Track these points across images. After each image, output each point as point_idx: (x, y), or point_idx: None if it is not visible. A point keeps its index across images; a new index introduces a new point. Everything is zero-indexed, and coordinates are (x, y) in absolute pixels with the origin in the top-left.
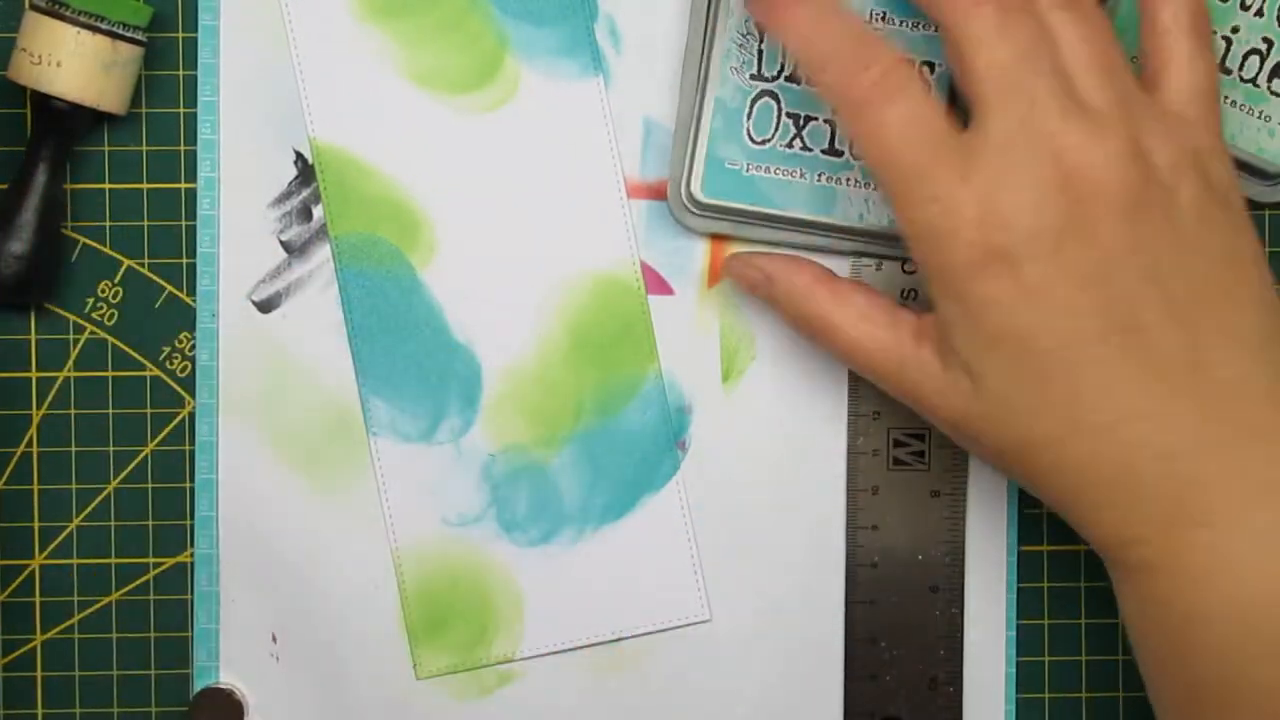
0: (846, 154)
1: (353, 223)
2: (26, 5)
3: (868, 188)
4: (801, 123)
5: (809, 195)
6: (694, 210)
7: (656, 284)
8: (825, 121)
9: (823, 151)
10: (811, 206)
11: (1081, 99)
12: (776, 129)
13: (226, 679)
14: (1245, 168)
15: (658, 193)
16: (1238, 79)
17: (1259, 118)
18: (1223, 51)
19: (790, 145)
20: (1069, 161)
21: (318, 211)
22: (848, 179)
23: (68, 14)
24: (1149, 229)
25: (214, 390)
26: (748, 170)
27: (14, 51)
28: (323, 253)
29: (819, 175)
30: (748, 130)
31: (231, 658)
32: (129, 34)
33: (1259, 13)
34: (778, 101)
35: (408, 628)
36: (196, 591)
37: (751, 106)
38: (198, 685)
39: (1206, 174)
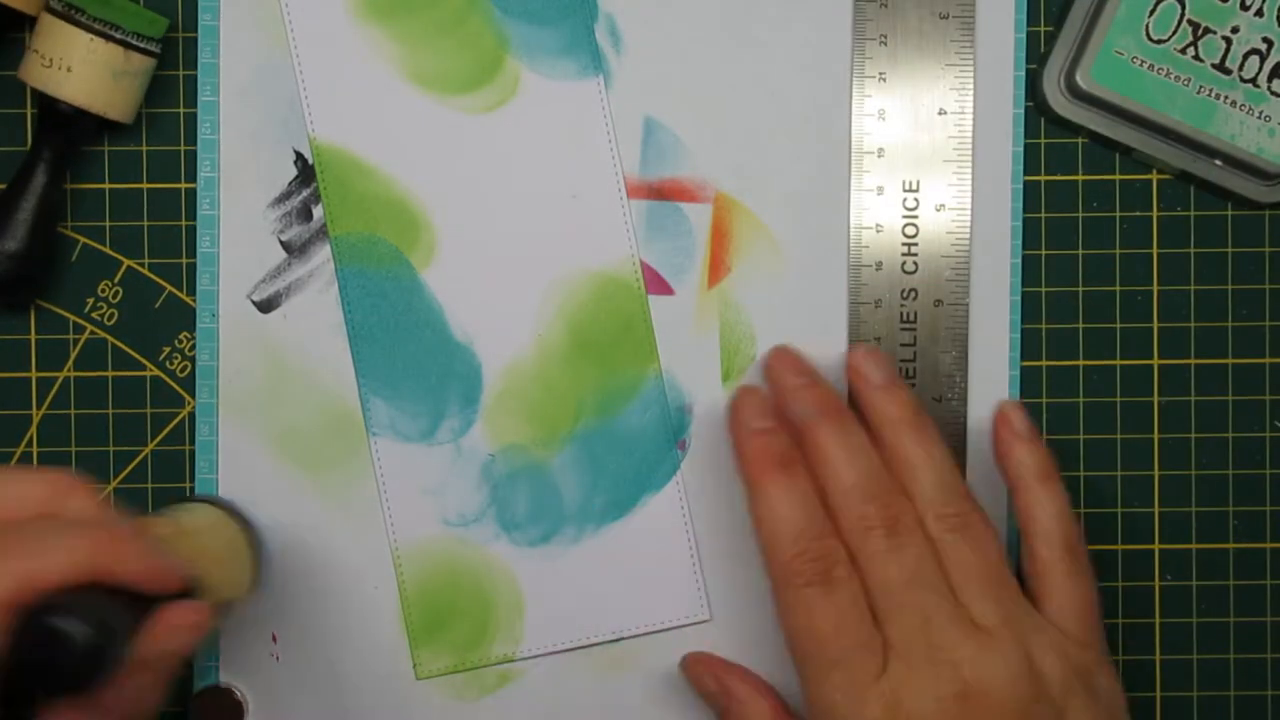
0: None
1: (352, 223)
2: (42, 7)
3: (1245, 111)
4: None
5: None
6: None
7: (656, 283)
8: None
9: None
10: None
11: (973, 615)
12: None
13: (226, 679)
14: (1245, 167)
15: (658, 192)
16: (1238, 79)
17: (1259, 118)
18: (1223, 51)
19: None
20: (967, 673)
21: (318, 211)
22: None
23: (83, 20)
24: None
25: (214, 390)
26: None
27: (26, 52)
28: (323, 253)
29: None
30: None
31: (231, 658)
32: (142, 45)
33: (1259, 13)
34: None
35: (407, 628)
36: None
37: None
38: (198, 685)
39: (1093, 688)
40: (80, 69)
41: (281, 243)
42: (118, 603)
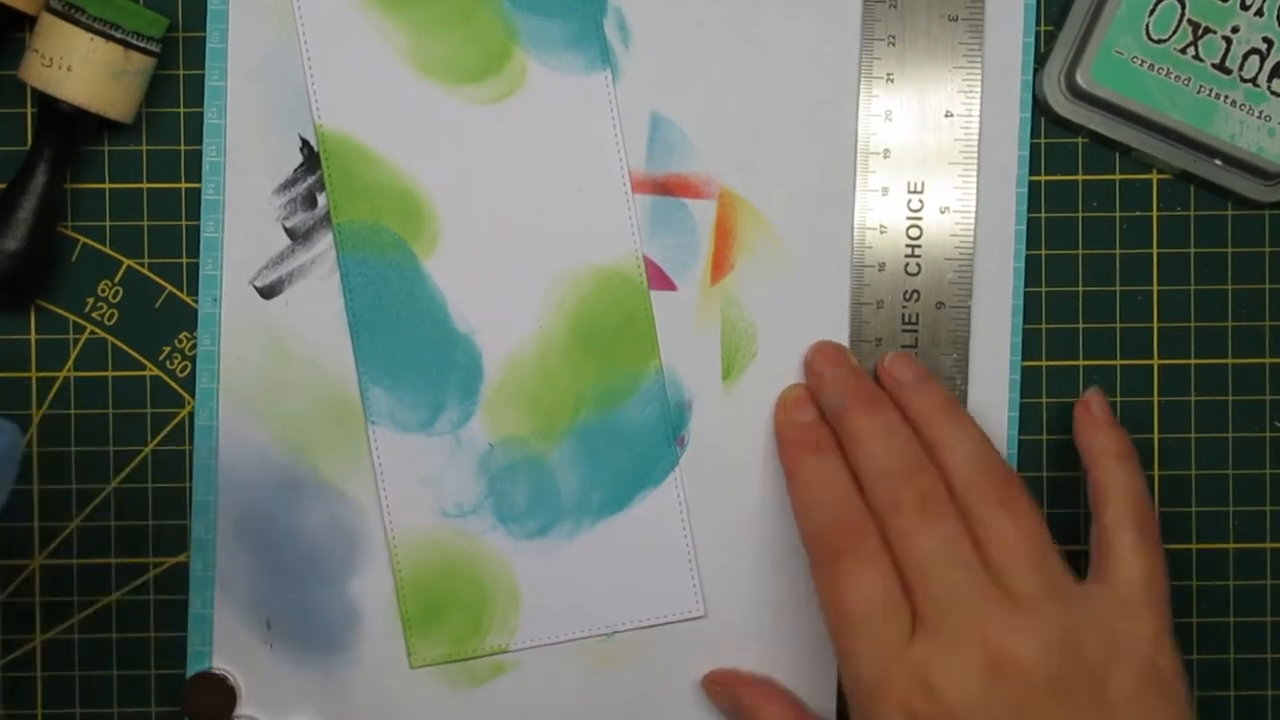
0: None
1: (356, 210)
2: (42, 6)
3: (1245, 111)
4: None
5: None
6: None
7: (659, 279)
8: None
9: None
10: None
11: (1010, 588)
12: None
13: (220, 665)
14: (1245, 167)
15: (662, 187)
16: (1238, 79)
17: (1259, 118)
18: (1223, 51)
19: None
20: (995, 646)
21: (322, 198)
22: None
23: (83, 19)
24: (1080, 715)
25: (215, 375)
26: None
27: (26, 51)
28: (326, 240)
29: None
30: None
31: (225, 644)
32: (142, 44)
33: (1259, 12)
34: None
35: (403, 617)
36: (192, 577)
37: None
38: (190, 671)
39: (1151, 664)
40: (80, 68)
41: (285, 229)
42: None
